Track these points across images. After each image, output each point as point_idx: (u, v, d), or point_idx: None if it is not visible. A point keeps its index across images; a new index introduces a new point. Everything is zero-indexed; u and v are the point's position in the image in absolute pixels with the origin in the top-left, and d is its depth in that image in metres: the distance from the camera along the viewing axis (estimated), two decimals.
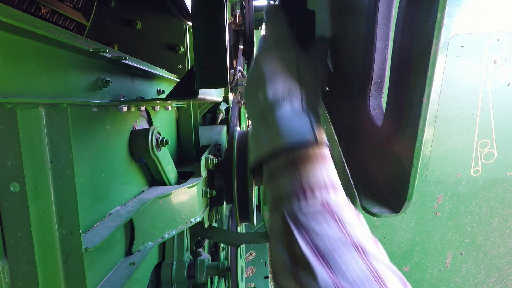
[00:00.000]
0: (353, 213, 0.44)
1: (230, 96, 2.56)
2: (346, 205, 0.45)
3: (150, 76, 1.68)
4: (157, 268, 1.62)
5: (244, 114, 2.76)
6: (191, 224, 1.53)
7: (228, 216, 2.73)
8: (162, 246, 1.62)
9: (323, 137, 0.49)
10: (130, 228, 1.40)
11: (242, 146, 1.62)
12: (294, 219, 0.43)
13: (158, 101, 1.52)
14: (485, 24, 0.39)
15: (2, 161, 0.77)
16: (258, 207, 2.74)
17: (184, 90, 1.19)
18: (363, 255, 0.39)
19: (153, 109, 1.70)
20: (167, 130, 2.04)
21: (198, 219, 1.56)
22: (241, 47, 1.85)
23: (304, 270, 0.39)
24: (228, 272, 1.96)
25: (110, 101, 1.23)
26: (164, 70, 1.78)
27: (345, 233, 0.41)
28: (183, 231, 1.72)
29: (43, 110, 0.86)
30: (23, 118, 0.78)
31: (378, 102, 0.44)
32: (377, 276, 0.38)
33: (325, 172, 0.45)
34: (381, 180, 0.43)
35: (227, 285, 2.23)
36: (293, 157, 0.46)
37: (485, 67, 0.40)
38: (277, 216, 0.45)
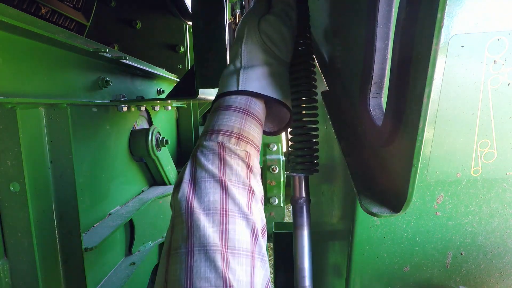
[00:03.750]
0: (242, 163, 0.51)
1: None
2: (239, 154, 0.51)
3: (150, 76, 1.68)
4: (157, 268, 1.62)
5: None
6: None
7: None
8: (163, 246, 1.62)
9: (253, 92, 0.58)
10: (130, 228, 1.40)
11: None
12: (195, 151, 0.53)
13: (158, 101, 1.52)
14: (485, 24, 0.39)
15: (2, 161, 0.77)
16: None
17: (184, 90, 1.19)
18: (224, 193, 0.47)
19: (153, 109, 1.70)
20: (167, 130, 2.05)
21: None
22: None
23: (177, 188, 0.50)
24: None
25: (110, 101, 1.23)
26: (164, 70, 1.78)
27: (221, 171, 0.49)
28: None
29: (43, 110, 0.86)
30: (23, 118, 0.78)
31: (378, 102, 0.44)
32: (224, 211, 0.46)
33: (238, 123, 0.54)
34: (381, 180, 0.43)
35: None
36: (219, 105, 0.58)
37: (485, 67, 0.40)
38: None
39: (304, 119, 0.64)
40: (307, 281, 0.67)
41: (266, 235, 0.52)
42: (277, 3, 0.64)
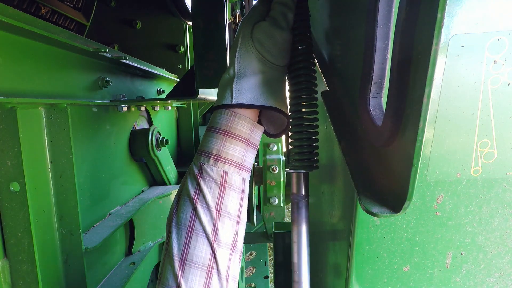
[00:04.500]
0: (215, 185, 0.57)
1: None
2: (214, 176, 0.57)
3: (150, 76, 1.68)
4: (157, 268, 1.62)
5: None
6: None
7: None
8: (162, 246, 1.62)
9: (242, 104, 0.59)
10: (130, 228, 1.40)
11: None
12: (189, 169, 0.61)
13: (158, 101, 1.52)
14: (485, 24, 0.39)
15: (2, 161, 0.77)
16: (258, 207, 2.75)
17: (184, 90, 1.19)
18: (193, 213, 0.56)
19: (153, 109, 1.70)
20: (167, 130, 2.05)
21: None
22: None
23: (174, 199, 0.61)
24: None
25: (110, 101, 1.23)
26: (164, 70, 1.78)
27: (195, 193, 0.57)
28: None
29: (43, 110, 0.86)
30: (23, 118, 0.78)
31: (378, 102, 0.44)
32: (190, 229, 0.55)
33: (217, 145, 0.58)
34: (381, 180, 0.43)
35: None
36: (209, 124, 0.62)
37: (485, 67, 0.40)
38: None
39: (303, 116, 0.64)
40: (305, 276, 0.68)
41: (235, 249, 0.60)
42: (275, 5, 0.63)
